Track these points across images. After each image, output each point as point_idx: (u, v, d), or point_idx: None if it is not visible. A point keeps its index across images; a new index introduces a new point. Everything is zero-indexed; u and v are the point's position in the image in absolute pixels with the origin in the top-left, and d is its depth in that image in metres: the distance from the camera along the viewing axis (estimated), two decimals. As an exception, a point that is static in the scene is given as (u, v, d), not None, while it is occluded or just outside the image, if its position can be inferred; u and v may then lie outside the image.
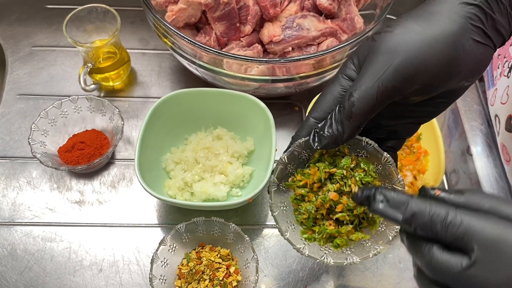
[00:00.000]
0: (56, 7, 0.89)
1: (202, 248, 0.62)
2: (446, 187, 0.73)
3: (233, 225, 0.60)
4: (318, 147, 0.42)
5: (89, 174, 0.71)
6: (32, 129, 0.68)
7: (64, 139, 0.72)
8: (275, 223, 0.46)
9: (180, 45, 0.67)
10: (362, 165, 0.45)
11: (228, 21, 0.70)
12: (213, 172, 0.68)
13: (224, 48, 0.73)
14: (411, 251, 0.36)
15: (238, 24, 0.71)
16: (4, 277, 0.62)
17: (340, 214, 0.44)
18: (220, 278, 0.59)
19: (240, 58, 0.63)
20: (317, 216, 0.46)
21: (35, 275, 0.63)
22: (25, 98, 0.78)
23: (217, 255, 0.61)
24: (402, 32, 0.39)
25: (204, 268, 0.59)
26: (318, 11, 0.74)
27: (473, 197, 0.35)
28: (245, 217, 0.68)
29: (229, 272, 0.60)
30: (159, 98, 0.68)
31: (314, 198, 0.46)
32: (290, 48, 0.71)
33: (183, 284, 0.59)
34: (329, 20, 0.73)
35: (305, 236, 0.46)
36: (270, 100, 0.74)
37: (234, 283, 0.59)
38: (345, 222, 0.45)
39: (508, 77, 0.70)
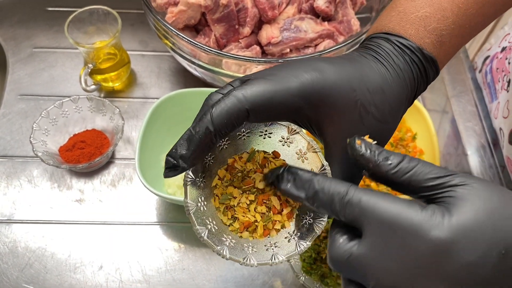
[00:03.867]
0: (57, 10, 0.90)
1: (274, 158, 0.41)
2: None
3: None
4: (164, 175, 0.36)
5: (89, 173, 0.72)
6: (34, 128, 0.69)
7: (64, 139, 0.73)
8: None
9: (180, 46, 0.69)
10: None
11: (227, 23, 0.72)
12: (212, 171, 0.69)
13: (223, 49, 0.74)
14: (328, 249, 0.34)
15: (237, 26, 0.72)
16: (5, 274, 0.63)
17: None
18: (265, 210, 0.40)
19: (239, 58, 0.65)
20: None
21: (36, 272, 0.63)
22: (26, 98, 0.79)
23: None
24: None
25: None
26: (315, 13, 0.75)
27: (398, 170, 0.32)
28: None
29: (281, 210, 0.40)
30: (158, 98, 0.69)
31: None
32: (288, 50, 0.72)
33: (225, 179, 0.40)
34: (326, 22, 0.74)
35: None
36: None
37: (278, 226, 0.40)
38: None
39: (507, 91, 0.72)
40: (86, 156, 0.70)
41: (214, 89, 0.69)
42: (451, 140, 0.79)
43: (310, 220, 0.38)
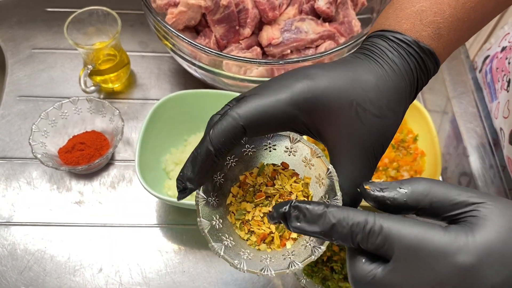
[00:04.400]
0: (56, 10, 0.90)
1: (284, 169, 0.42)
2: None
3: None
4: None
5: (89, 175, 0.72)
6: (33, 129, 0.69)
7: (64, 140, 0.72)
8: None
9: (180, 47, 0.68)
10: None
11: (227, 24, 0.71)
12: (212, 173, 0.68)
13: (223, 50, 0.74)
14: (347, 266, 0.34)
15: (237, 27, 0.72)
16: (4, 276, 0.62)
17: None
18: None
19: (239, 59, 0.64)
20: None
21: (35, 274, 0.63)
22: (25, 99, 0.79)
23: (300, 191, 0.42)
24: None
25: (272, 194, 0.41)
26: (316, 14, 0.75)
27: (415, 193, 0.32)
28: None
29: None
30: (158, 100, 0.69)
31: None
32: (289, 51, 0.72)
33: (238, 195, 0.42)
34: (327, 23, 0.74)
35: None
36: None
37: (294, 235, 0.40)
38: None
39: (508, 91, 0.71)
40: (86, 158, 0.69)
41: (214, 91, 0.70)
42: (452, 141, 0.79)
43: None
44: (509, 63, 0.73)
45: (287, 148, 0.40)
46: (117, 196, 0.71)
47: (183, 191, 0.37)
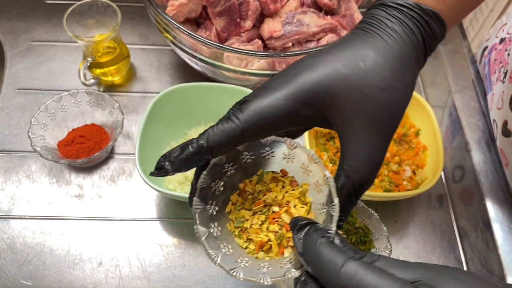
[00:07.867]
0: (55, 2, 0.89)
1: (283, 176, 0.41)
2: (444, 182, 0.74)
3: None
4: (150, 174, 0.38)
5: (89, 168, 0.71)
6: (32, 122, 0.68)
7: (63, 133, 0.72)
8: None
9: (181, 39, 0.68)
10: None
11: (228, 17, 0.71)
12: (213, 166, 0.68)
13: (224, 43, 0.73)
14: None
15: (238, 20, 0.71)
16: (3, 270, 0.62)
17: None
18: (277, 228, 0.39)
19: (240, 51, 0.64)
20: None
21: (34, 268, 0.63)
22: (24, 92, 0.78)
23: (298, 198, 0.40)
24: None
25: (270, 203, 0.40)
26: (318, 7, 0.74)
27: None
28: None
29: None
30: (158, 93, 0.69)
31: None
32: (290, 44, 0.72)
33: (237, 203, 0.41)
34: (329, 16, 0.73)
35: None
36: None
37: (292, 243, 0.38)
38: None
39: (503, 82, 0.71)
40: (85, 151, 0.69)
41: (214, 84, 0.69)
42: (454, 135, 0.78)
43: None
44: (508, 54, 0.72)
45: (285, 155, 0.40)
46: (117, 190, 0.70)
47: (159, 169, 0.37)
